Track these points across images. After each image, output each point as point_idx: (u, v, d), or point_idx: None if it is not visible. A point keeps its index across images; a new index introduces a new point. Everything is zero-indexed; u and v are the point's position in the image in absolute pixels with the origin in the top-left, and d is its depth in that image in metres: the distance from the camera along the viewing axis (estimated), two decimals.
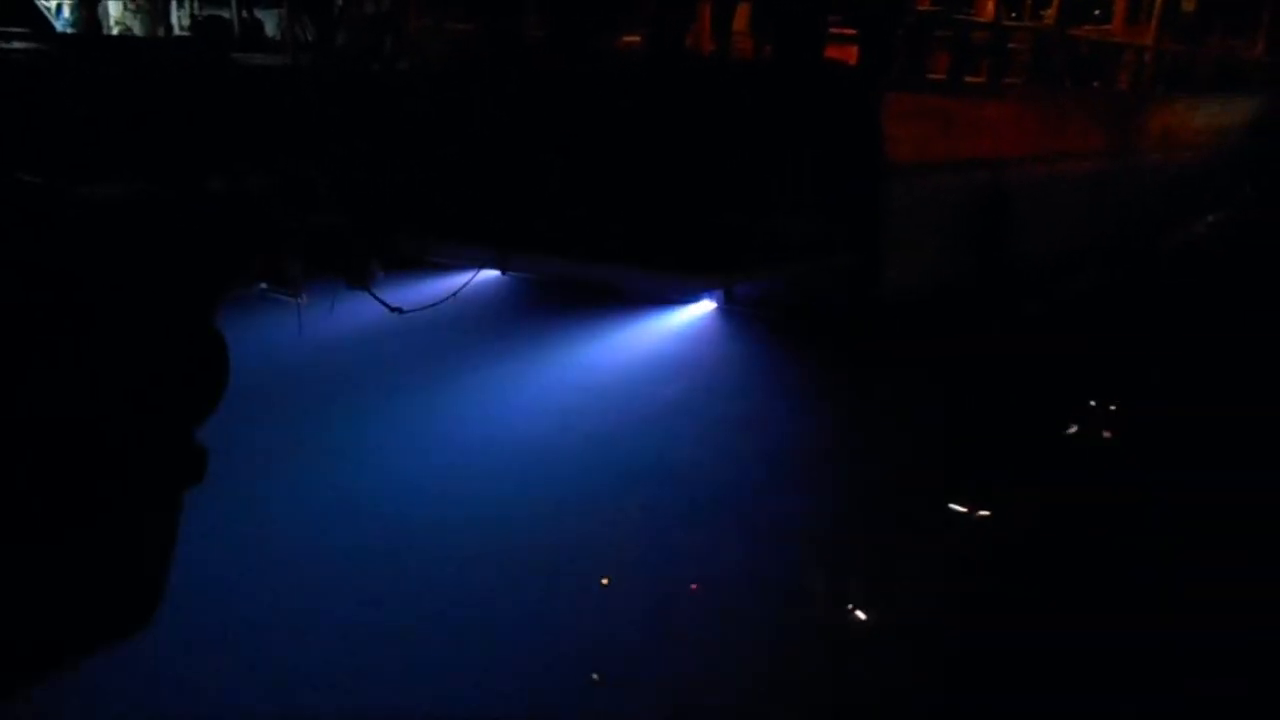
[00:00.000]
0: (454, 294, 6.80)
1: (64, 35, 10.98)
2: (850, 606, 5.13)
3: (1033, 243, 10.22)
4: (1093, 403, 8.22)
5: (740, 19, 9.13)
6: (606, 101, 7.92)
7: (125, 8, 12.30)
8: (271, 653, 4.48)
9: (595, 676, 4.51)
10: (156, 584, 2.94)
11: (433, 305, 6.57)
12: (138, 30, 12.02)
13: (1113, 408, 8.13)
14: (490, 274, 8.30)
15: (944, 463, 6.75)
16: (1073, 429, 7.71)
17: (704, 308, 9.05)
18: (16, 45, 8.11)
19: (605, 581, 5.17)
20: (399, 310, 6.01)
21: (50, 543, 2.65)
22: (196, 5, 12.11)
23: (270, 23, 11.23)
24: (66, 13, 11.68)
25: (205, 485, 3.10)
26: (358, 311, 5.87)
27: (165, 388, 2.88)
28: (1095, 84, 12.06)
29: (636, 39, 9.40)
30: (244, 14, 11.02)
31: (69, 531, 2.67)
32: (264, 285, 4.53)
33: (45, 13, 11.33)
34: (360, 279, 5.75)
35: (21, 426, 2.54)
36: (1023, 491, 6.37)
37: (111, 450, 2.74)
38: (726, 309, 9.01)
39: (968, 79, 9.51)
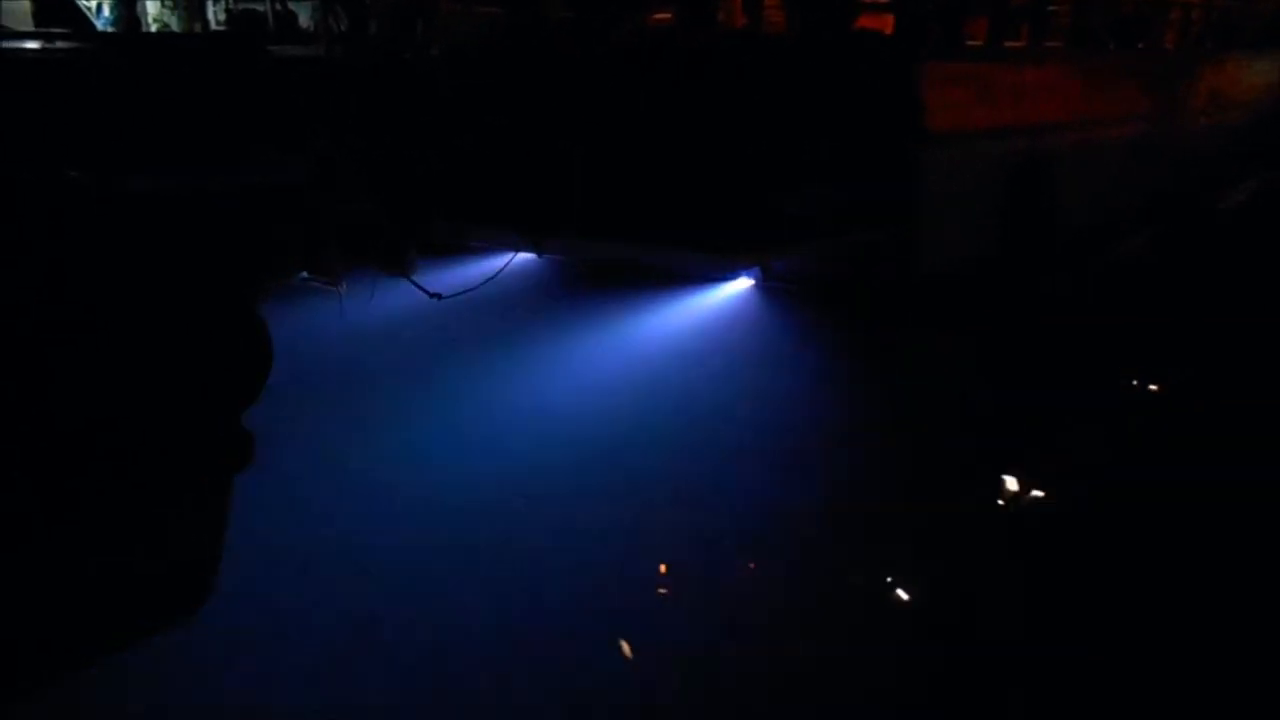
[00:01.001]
0: (491, 278, 6.84)
1: (104, 33, 11.18)
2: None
3: (1074, 211, 10.01)
4: (1137, 374, 8.06)
5: None
6: (638, 81, 7.88)
7: (163, 5, 12.49)
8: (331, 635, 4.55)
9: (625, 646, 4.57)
10: (208, 570, 3.02)
11: (470, 290, 6.62)
12: (175, 26, 12.21)
13: (1157, 379, 7.97)
14: (526, 257, 8.33)
15: (990, 439, 6.66)
16: (1115, 402, 7.57)
17: (741, 285, 9.00)
18: (59, 44, 8.27)
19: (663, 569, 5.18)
20: (438, 296, 6.07)
21: (97, 530, 2.73)
22: (231, 0, 12.25)
23: (304, 14, 11.33)
24: (106, 11, 11.89)
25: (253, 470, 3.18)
26: (397, 298, 5.93)
27: (210, 375, 2.94)
28: (1140, 44, 11.73)
29: (667, 16, 9.33)
30: (278, 6, 11.13)
31: (116, 519, 2.75)
32: (304, 275, 4.59)
33: (86, 12, 11.55)
34: (398, 266, 5.81)
35: (65, 418, 2.62)
36: (1071, 468, 6.28)
37: (158, 437, 2.81)
38: (764, 286, 8.95)
39: (1007, 44, 9.31)
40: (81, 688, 3.30)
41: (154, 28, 12.07)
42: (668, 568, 5.25)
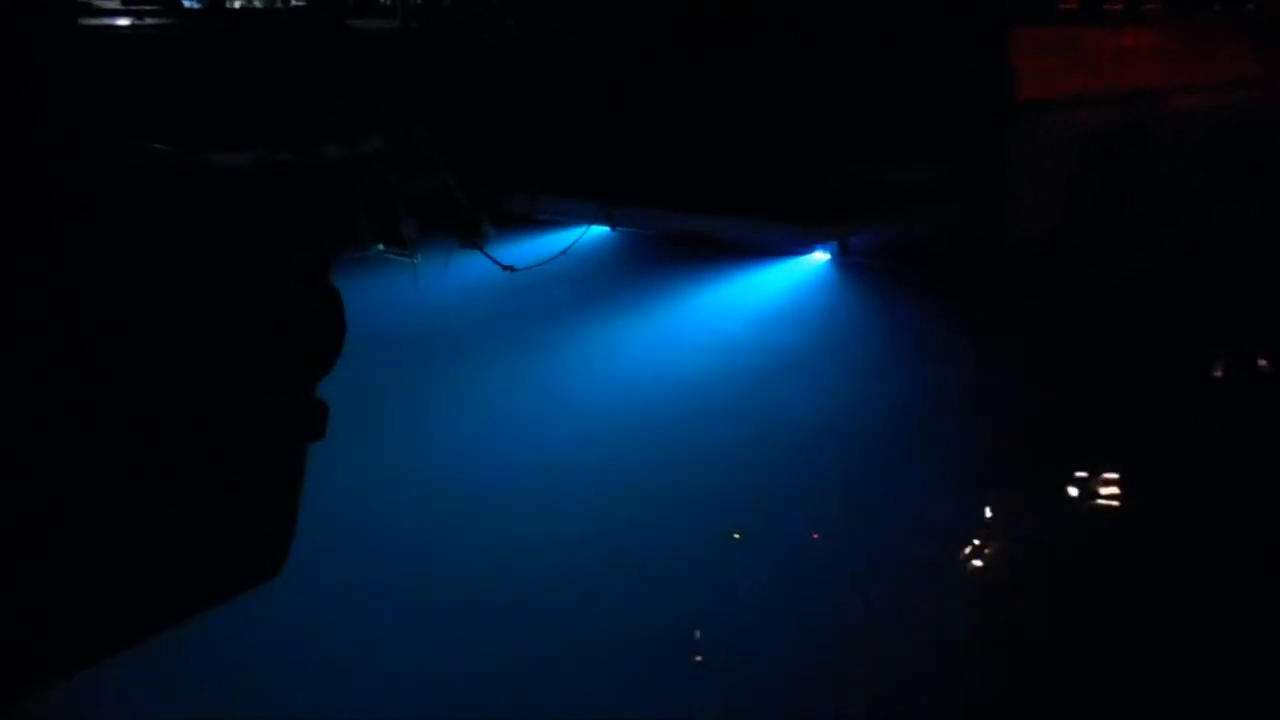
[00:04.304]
0: (564, 251, 6.82)
1: (191, 10, 11.44)
2: None
3: (1174, 181, 9.54)
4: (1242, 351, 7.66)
5: None
6: (713, 50, 7.74)
7: None
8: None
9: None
10: (282, 537, 3.07)
11: (544, 263, 6.61)
12: (258, 3, 12.46)
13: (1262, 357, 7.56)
14: (599, 230, 8.29)
15: (1089, 418, 6.41)
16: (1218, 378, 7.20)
17: (818, 260, 8.81)
18: (148, 21, 8.50)
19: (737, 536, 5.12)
20: (511, 269, 6.06)
21: (173, 501, 2.78)
22: None
23: None
24: None
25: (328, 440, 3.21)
26: (471, 270, 5.94)
27: (285, 346, 2.97)
28: (1249, 4, 11.07)
29: None
30: None
31: (191, 489, 2.80)
32: (380, 247, 4.61)
33: None
34: (472, 238, 5.82)
35: (141, 391, 2.66)
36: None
37: (233, 408, 2.85)
38: (842, 261, 8.75)
39: (1105, 6, 8.88)
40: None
41: (238, 4, 12.33)
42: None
